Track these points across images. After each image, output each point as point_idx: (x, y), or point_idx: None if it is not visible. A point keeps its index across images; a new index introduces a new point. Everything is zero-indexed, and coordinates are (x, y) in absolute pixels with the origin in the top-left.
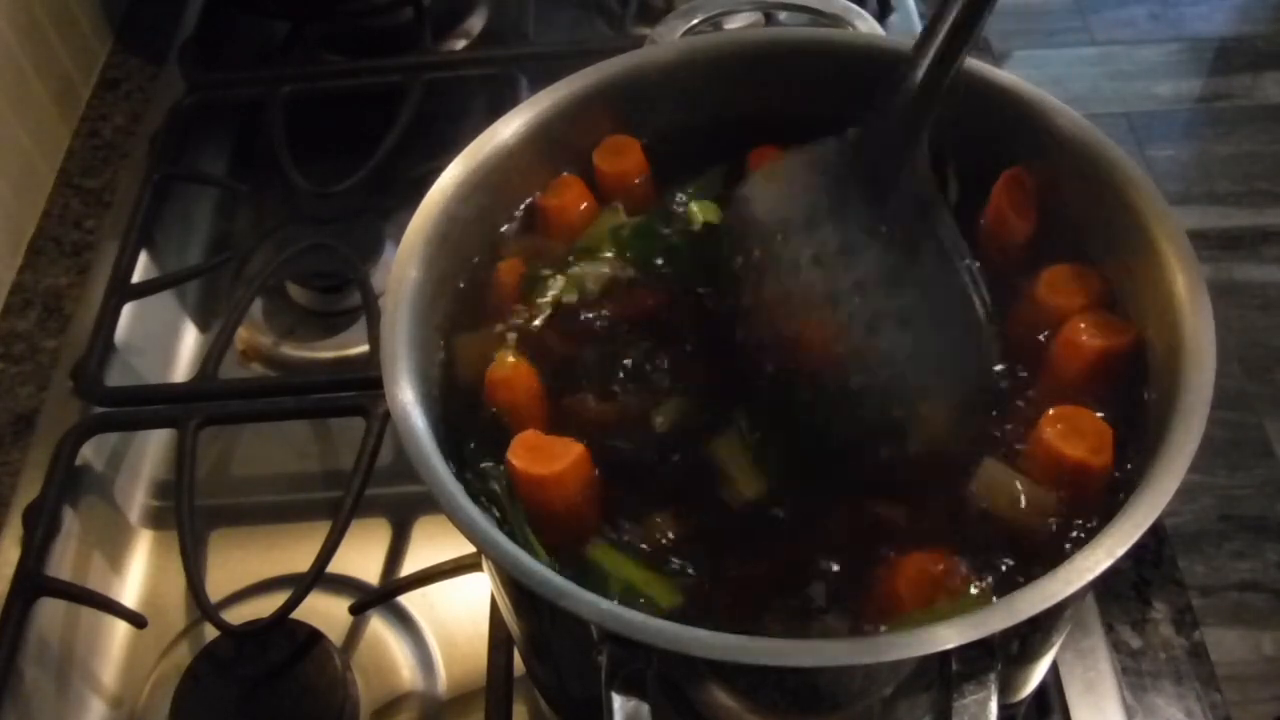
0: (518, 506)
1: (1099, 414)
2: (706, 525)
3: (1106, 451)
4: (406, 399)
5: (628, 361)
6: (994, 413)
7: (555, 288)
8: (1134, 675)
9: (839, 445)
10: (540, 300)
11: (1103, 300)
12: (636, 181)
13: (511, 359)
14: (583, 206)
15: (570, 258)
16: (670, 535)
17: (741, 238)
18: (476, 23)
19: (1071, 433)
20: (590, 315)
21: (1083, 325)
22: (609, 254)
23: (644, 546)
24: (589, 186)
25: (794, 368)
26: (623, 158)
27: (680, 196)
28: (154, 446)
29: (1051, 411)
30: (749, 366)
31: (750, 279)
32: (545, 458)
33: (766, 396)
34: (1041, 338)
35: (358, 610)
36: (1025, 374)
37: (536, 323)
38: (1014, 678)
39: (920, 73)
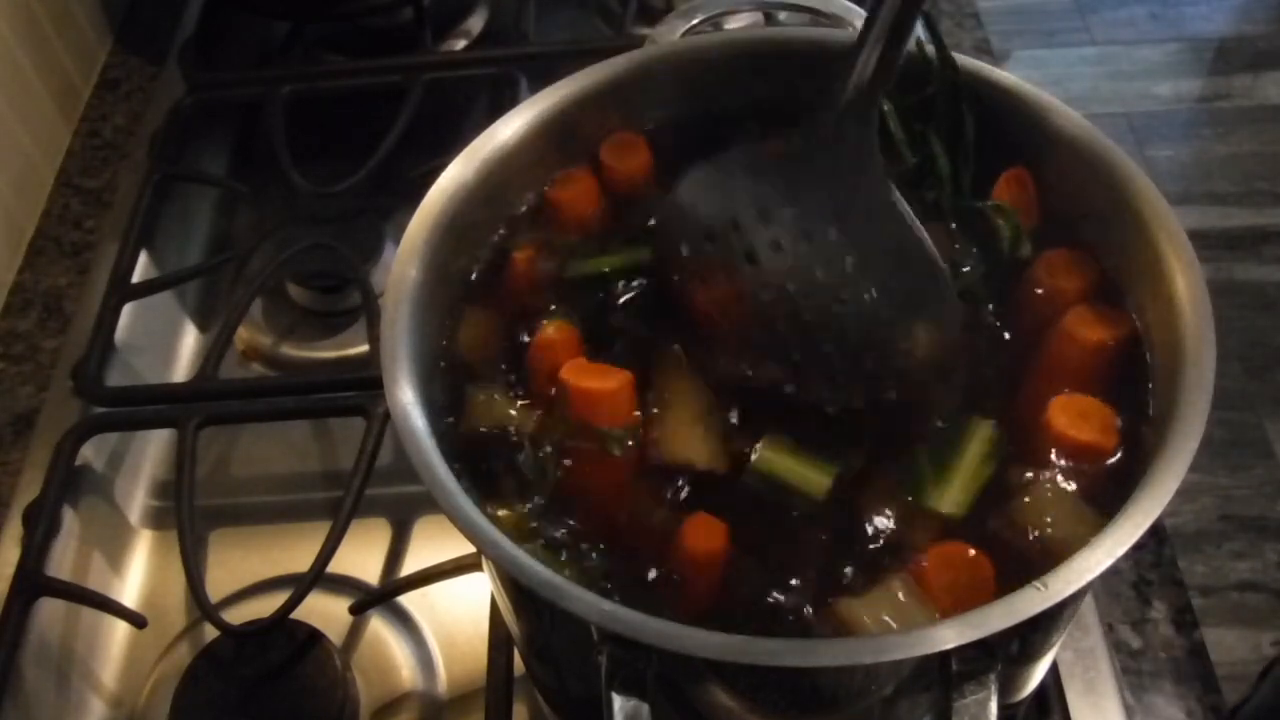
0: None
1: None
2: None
3: (1112, 431)
4: (406, 399)
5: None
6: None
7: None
8: (1134, 675)
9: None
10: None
11: (1100, 288)
12: (642, 178)
13: (553, 326)
14: (593, 199)
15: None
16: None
17: (685, 236)
18: (476, 23)
19: (1079, 418)
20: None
21: (1079, 318)
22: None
23: None
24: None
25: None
26: (630, 154)
27: None
28: (154, 446)
29: (1053, 403)
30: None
31: (702, 274)
32: (598, 376)
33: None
34: (1040, 333)
35: (358, 610)
36: (1024, 372)
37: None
38: (1014, 678)
39: (866, 65)
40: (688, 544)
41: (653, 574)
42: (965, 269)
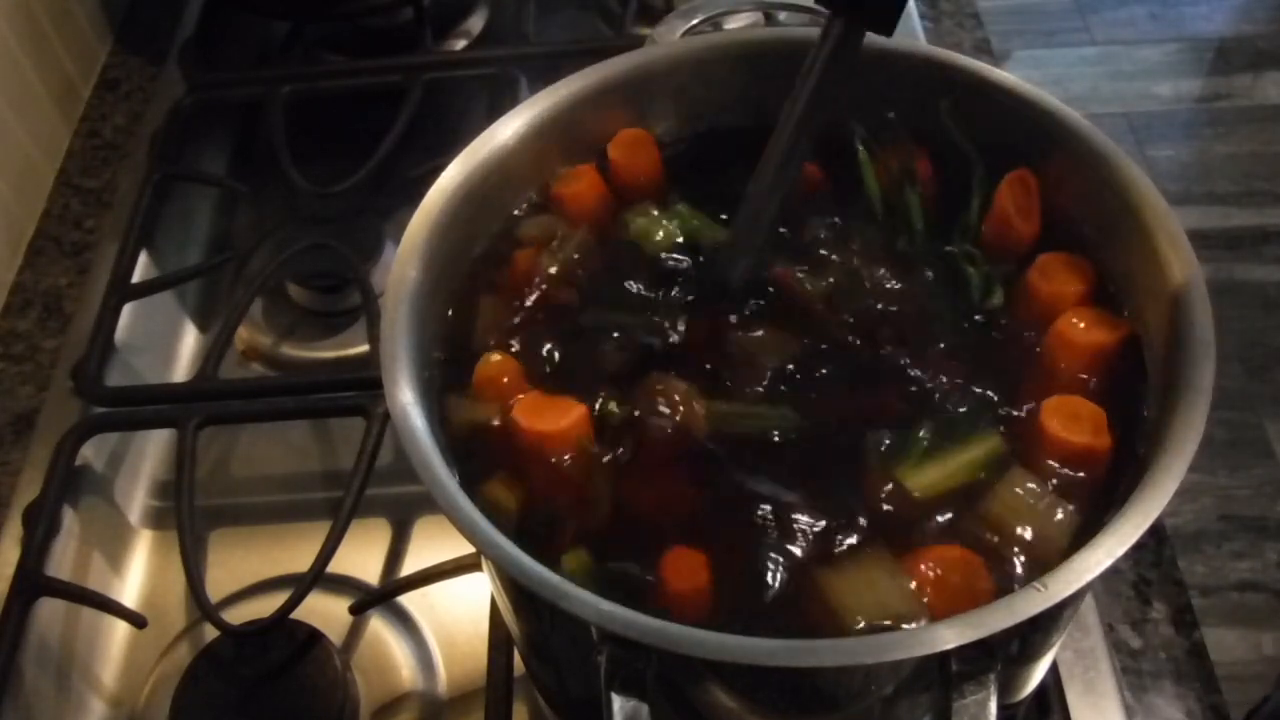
0: None
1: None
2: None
3: (1104, 432)
4: (406, 399)
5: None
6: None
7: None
8: (1134, 675)
9: None
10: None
11: (1096, 290)
12: (649, 176)
13: (497, 357)
14: (597, 196)
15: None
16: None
17: None
18: (476, 23)
19: (1071, 420)
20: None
21: (1076, 321)
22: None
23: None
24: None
25: None
26: (638, 151)
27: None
28: (154, 446)
29: (1045, 405)
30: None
31: None
32: (550, 415)
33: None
34: (1037, 335)
35: (358, 610)
36: (1024, 373)
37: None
38: (1014, 678)
39: None
40: (671, 585)
41: (649, 567)
42: (937, 318)
